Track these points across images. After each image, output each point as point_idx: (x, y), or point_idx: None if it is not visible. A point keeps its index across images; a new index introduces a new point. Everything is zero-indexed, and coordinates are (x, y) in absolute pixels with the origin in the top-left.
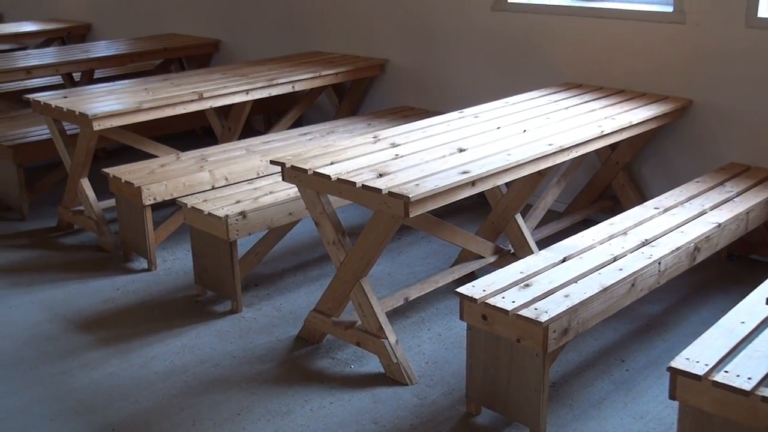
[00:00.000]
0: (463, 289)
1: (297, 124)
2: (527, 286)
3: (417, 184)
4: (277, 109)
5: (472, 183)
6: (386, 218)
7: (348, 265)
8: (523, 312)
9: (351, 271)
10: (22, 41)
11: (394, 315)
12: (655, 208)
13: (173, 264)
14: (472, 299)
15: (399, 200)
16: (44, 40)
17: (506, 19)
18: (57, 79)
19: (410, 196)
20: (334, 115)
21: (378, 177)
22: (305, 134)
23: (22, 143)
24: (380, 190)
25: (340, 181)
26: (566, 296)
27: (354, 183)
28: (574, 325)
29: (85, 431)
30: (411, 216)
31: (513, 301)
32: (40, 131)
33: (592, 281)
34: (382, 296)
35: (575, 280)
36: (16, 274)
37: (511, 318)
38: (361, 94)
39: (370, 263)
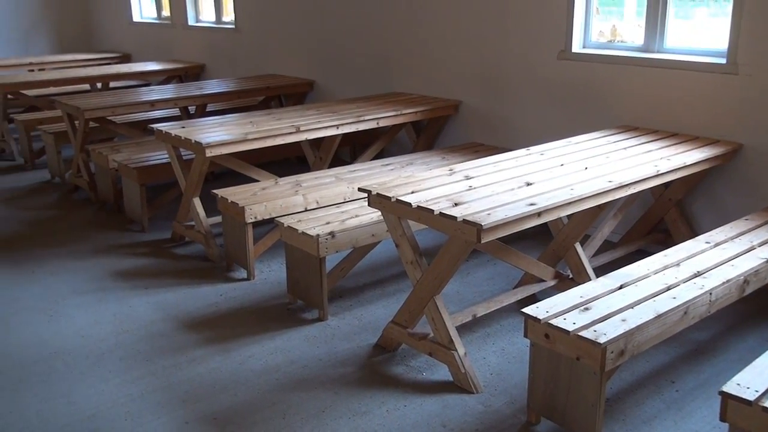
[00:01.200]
0: (528, 310)
1: (379, 155)
2: (587, 309)
3: (489, 214)
4: (362, 142)
5: (538, 214)
6: (460, 243)
7: (423, 283)
8: (583, 333)
9: (426, 288)
10: (147, 78)
11: (462, 329)
12: (707, 243)
13: (269, 275)
14: (536, 319)
15: (472, 227)
16: (165, 77)
17: (570, 67)
18: (175, 112)
19: (482, 224)
20: (412, 149)
21: (453, 206)
22: (387, 165)
23: (145, 166)
24: (455, 217)
25: (420, 209)
26: (623, 320)
27: (432, 210)
28: (630, 347)
29: (190, 418)
30: (482, 242)
31: (574, 323)
32: (161, 156)
33: (648, 308)
34: (452, 312)
35: (631, 306)
36: (136, 279)
37: (572, 338)
38: (436, 131)
39: (443, 282)
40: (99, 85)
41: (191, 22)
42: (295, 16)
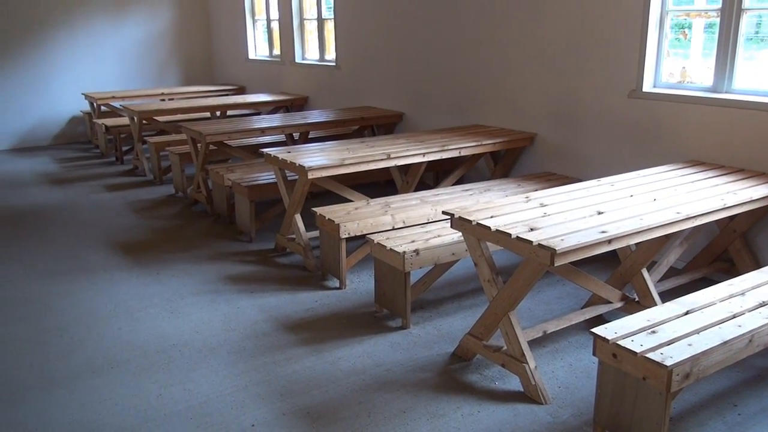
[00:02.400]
0: (597, 330)
1: (460, 181)
2: (653, 332)
3: (562, 239)
4: (445, 169)
5: (609, 241)
6: (534, 265)
7: (499, 300)
8: (650, 355)
9: (501, 305)
10: (258, 108)
11: (533, 344)
12: None
13: (358, 285)
14: (604, 339)
15: (546, 251)
16: (274, 107)
17: (640, 105)
18: (281, 138)
19: (556, 248)
20: (489, 176)
21: (529, 231)
22: (467, 190)
23: (255, 184)
24: (531, 241)
25: (498, 232)
26: (689, 345)
27: (509, 234)
28: (695, 371)
29: (287, 410)
30: (555, 265)
31: (641, 345)
32: (268, 176)
33: (713, 334)
34: (524, 327)
35: (697, 331)
36: (244, 283)
37: (639, 359)
38: (513, 160)
39: (517, 300)
40: (218, 113)
41: (298, 59)
42: (387, 55)
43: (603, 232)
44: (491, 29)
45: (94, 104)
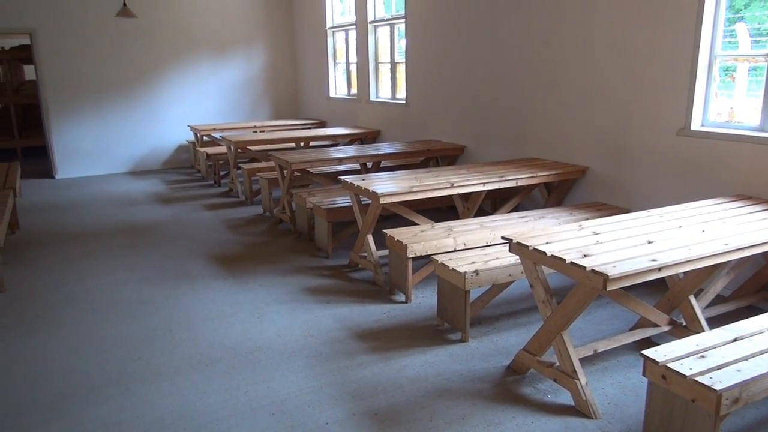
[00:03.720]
0: (647, 352)
1: (515, 209)
2: (703, 357)
3: (614, 266)
4: (502, 197)
5: (659, 269)
6: (587, 289)
7: (553, 320)
8: (700, 378)
9: (555, 324)
10: (336, 140)
11: (583, 361)
12: None
13: (422, 300)
14: (654, 361)
15: (599, 277)
16: (350, 140)
17: (689, 143)
18: (356, 166)
19: (609, 274)
20: (543, 204)
21: (583, 257)
22: (523, 217)
23: (332, 207)
24: (585, 267)
25: (554, 257)
26: (738, 371)
27: (564, 260)
28: (744, 396)
29: (357, 411)
30: (608, 290)
31: (690, 368)
32: (344, 200)
33: (763, 361)
34: (575, 346)
35: (746, 358)
36: (321, 294)
37: (689, 382)
38: (565, 190)
39: (570, 320)
40: (302, 144)
41: (372, 97)
42: (452, 94)
43: (653, 260)
44: (547, 70)
45: (198, 134)
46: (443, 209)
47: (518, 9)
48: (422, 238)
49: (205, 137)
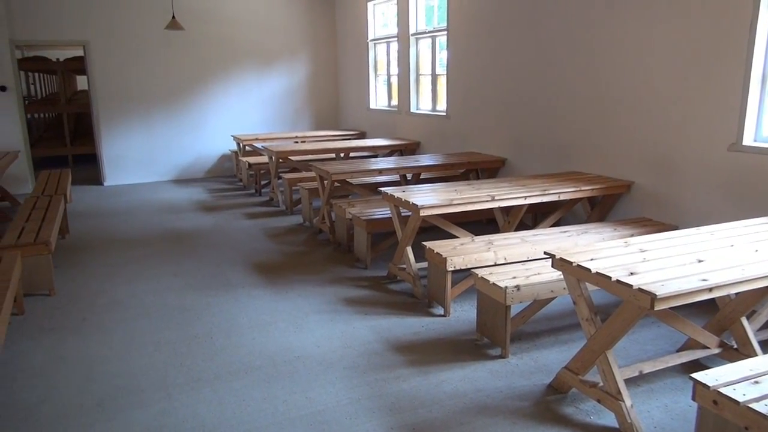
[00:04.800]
0: (697, 376)
1: (557, 223)
2: (757, 383)
3: (662, 285)
4: (543, 211)
5: (710, 289)
6: (633, 308)
7: (597, 339)
8: (754, 405)
9: (599, 343)
10: (376, 151)
11: (628, 382)
12: None
13: (461, 314)
14: (705, 386)
15: (647, 296)
16: (389, 151)
17: (740, 158)
18: (396, 178)
19: (657, 294)
20: (586, 219)
21: (629, 275)
22: (565, 232)
23: (372, 218)
24: (631, 285)
25: (598, 274)
26: None
27: (609, 277)
28: None
29: (395, 425)
30: (655, 309)
31: (744, 394)
32: (384, 211)
33: None
34: (619, 366)
35: None
36: (359, 305)
37: (742, 408)
38: (609, 205)
39: (615, 340)
40: (342, 154)
41: (413, 109)
42: (493, 106)
43: (704, 280)
44: (591, 82)
45: (240, 144)
46: (483, 222)
47: (562, 21)
48: (462, 251)
49: (247, 147)
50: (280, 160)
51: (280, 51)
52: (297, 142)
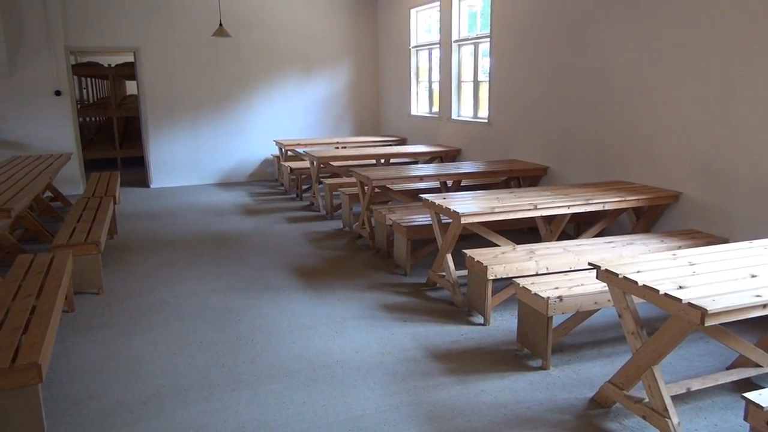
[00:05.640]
0: (750, 395)
1: (600, 233)
2: None
3: (713, 300)
4: (586, 220)
5: (764, 305)
6: (682, 323)
7: (643, 353)
8: None
9: (645, 358)
10: (416, 157)
11: (675, 399)
12: None
13: (501, 323)
14: (758, 406)
15: (697, 311)
16: (430, 157)
17: None
18: (436, 185)
19: (708, 309)
20: (631, 230)
21: (678, 288)
22: (609, 243)
23: (412, 225)
24: (680, 299)
25: (646, 287)
26: None
27: (657, 290)
28: None
29: None
30: (705, 325)
31: None
32: (424, 218)
33: None
34: (666, 382)
35: None
36: (398, 312)
37: None
38: (656, 216)
39: (662, 355)
40: (382, 160)
41: (454, 116)
42: (536, 114)
43: (757, 296)
44: (638, 90)
45: (283, 149)
46: (524, 231)
47: (607, 28)
48: (503, 260)
49: (289, 152)
50: (322, 165)
51: (322, 58)
52: (338, 147)
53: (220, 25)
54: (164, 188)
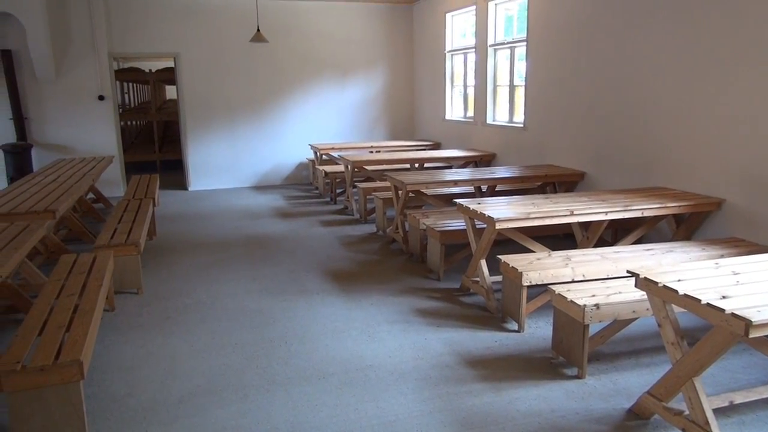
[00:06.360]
0: None
1: (639, 240)
2: None
3: (758, 310)
4: (624, 227)
5: None
6: (725, 334)
7: (683, 364)
8: None
9: (685, 369)
10: (450, 162)
11: (716, 412)
12: None
13: (536, 330)
14: None
15: (741, 322)
16: (464, 162)
17: None
18: (471, 189)
19: (752, 320)
20: (671, 237)
21: (721, 298)
22: (648, 250)
23: (446, 230)
24: (723, 309)
25: (687, 297)
26: None
27: (699, 300)
28: None
29: None
30: (749, 336)
31: None
32: (458, 223)
33: None
34: (708, 394)
35: None
36: (431, 317)
37: None
38: (697, 223)
39: (704, 367)
40: (417, 165)
41: (489, 121)
42: (573, 118)
43: None
44: (680, 95)
45: (317, 153)
46: (559, 237)
47: (649, 34)
48: (538, 266)
49: (324, 156)
50: (356, 170)
51: (357, 62)
52: (372, 151)
53: (258, 30)
54: (202, 191)
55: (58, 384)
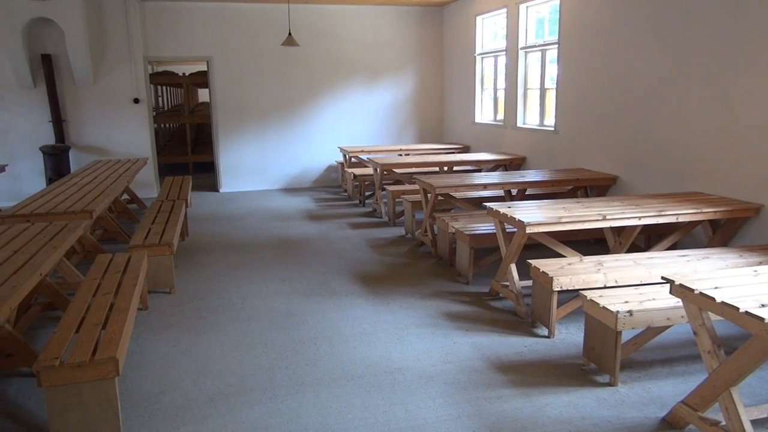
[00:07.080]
0: None
1: (673, 246)
2: None
3: None
4: (657, 232)
5: None
6: (764, 344)
7: (720, 374)
8: None
9: (722, 379)
10: (480, 165)
11: (755, 424)
12: None
13: (566, 336)
14: None
15: None
16: (494, 166)
17: None
18: (500, 193)
19: None
20: (706, 244)
21: (760, 306)
22: (683, 256)
23: (475, 233)
24: (763, 318)
25: (724, 304)
26: None
27: (737, 308)
28: None
29: None
30: None
31: None
32: (488, 227)
33: None
34: (745, 405)
35: None
36: (460, 321)
37: None
38: (734, 230)
39: (742, 376)
40: (446, 168)
41: (519, 124)
42: (605, 122)
43: None
44: (715, 99)
45: (347, 156)
46: (590, 242)
47: (684, 36)
48: (569, 272)
49: (353, 158)
50: (385, 172)
51: (387, 65)
52: (401, 154)
53: (290, 34)
54: (233, 193)
55: (95, 380)
